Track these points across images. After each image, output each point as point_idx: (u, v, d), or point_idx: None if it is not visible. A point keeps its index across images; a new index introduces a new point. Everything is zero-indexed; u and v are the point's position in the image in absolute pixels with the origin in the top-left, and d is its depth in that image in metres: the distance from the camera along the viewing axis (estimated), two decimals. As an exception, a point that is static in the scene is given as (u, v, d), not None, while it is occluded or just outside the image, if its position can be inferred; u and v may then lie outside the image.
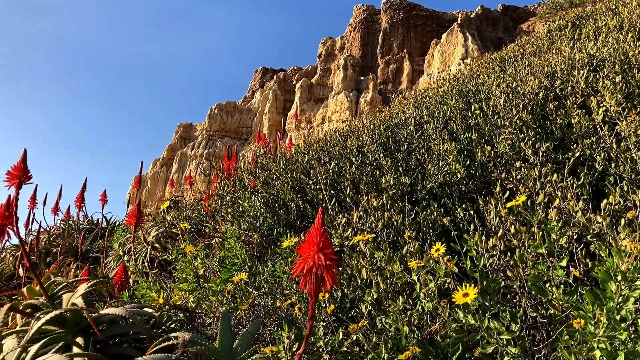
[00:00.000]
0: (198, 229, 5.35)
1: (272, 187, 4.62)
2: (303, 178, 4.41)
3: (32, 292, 2.72)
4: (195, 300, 2.57)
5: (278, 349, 1.75)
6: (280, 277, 2.60)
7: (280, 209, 4.28)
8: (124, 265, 3.19)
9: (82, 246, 6.57)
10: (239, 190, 5.10)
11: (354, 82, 58.98)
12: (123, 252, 5.98)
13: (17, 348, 1.98)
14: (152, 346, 1.97)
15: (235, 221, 4.42)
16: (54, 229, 8.43)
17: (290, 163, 4.93)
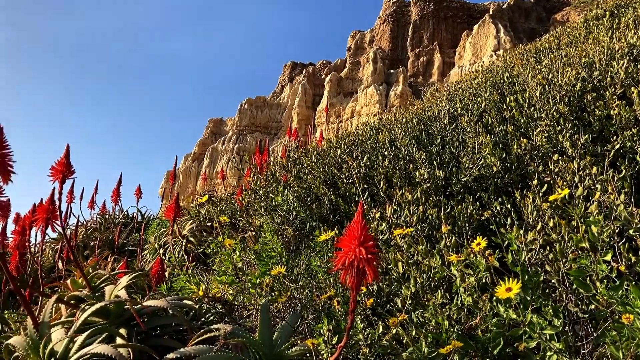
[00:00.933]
0: (232, 223, 5.41)
1: (304, 181, 4.63)
2: (335, 172, 4.41)
3: (75, 285, 2.80)
4: (234, 293, 2.60)
5: (318, 342, 1.77)
6: (316, 270, 2.62)
7: (312, 203, 4.29)
8: (160, 259, 3.25)
9: (118, 240, 6.71)
10: (271, 184, 5.14)
11: (384, 75, 58.60)
12: (159, 246, 6.09)
13: (65, 338, 2.04)
14: (193, 338, 2.00)
15: (268, 215, 4.45)
16: (90, 222, 8.62)
17: (322, 157, 4.93)
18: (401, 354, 1.71)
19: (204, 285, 2.72)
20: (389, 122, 5.83)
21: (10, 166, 1.95)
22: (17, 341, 2.11)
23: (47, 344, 2.05)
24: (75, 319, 2.24)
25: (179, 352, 1.97)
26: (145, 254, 6.22)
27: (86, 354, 2.00)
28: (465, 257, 1.87)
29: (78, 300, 2.58)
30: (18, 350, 2.08)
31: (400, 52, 64.73)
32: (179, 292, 3.16)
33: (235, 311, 2.65)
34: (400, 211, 3.19)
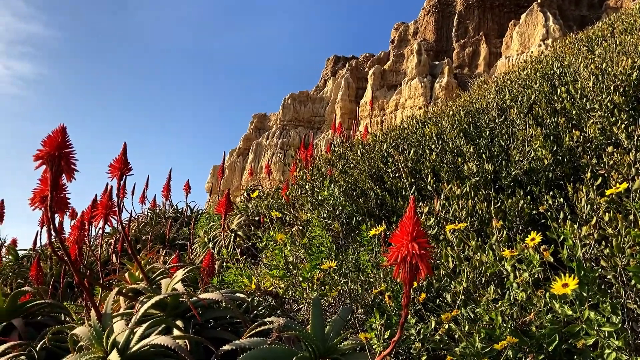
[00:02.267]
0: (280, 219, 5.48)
1: (350, 175, 4.64)
2: (381, 166, 4.41)
3: (133, 277, 2.91)
4: (285, 287, 2.65)
5: (370, 336, 1.79)
6: (365, 265, 2.63)
7: (358, 198, 4.30)
8: (211, 252, 3.33)
9: (169, 234, 6.89)
10: (317, 179, 5.17)
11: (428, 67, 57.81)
12: (208, 239, 6.22)
13: (126, 330, 2.13)
14: (248, 330, 2.06)
15: (315, 210, 4.49)
16: (142, 217, 8.86)
17: (368, 151, 4.92)
18: (454, 350, 1.71)
19: (256, 279, 2.78)
20: (435, 115, 5.78)
21: (74, 164, 2.05)
22: (82, 331, 2.21)
23: (110, 335, 2.15)
24: (135, 311, 2.33)
25: (234, 344, 2.03)
26: (195, 247, 6.36)
27: (146, 345, 2.08)
28: (519, 252, 1.85)
29: (136, 292, 2.69)
30: (82, 340, 2.19)
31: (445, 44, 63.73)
32: (231, 285, 3.23)
33: (286, 304, 2.70)
34: (449, 205, 3.17)
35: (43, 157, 1.98)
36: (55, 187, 2.02)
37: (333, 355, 1.95)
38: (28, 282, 5.65)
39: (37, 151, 1.99)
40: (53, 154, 1.97)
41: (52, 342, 2.58)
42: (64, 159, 2.00)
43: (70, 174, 2.05)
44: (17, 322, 2.84)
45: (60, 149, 1.98)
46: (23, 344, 2.58)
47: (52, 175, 1.99)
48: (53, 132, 2.00)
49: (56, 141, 1.98)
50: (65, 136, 2.02)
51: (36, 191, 2.15)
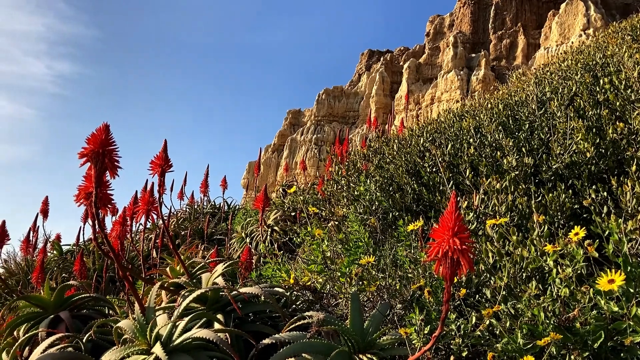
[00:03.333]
0: (316, 214, 5.50)
1: (386, 170, 4.62)
2: (418, 161, 4.37)
3: (174, 272, 2.97)
4: (323, 281, 2.66)
5: (410, 331, 1.78)
6: (402, 260, 2.62)
7: (395, 193, 4.27)
8: (248, 247, 3.37)
9: (207, 229, 6.99)
10: (352, 174, 5.16)
11: (465, 59, 56.93)
12: (245, 235, 6.28)
13: (169, 323, 2.18)
14: (287, 324, 2.08)
15: (351, 205, 4.48)
16: (180, 213, 9.01)
17: (404, 146, 4.89)
18: (495, 345, 1.69)
19: (294, 274, 2.80)
20: (473, 109, 5.70)
21: (117, 161, 2.10)
22: (126, 325, 2.27)
23: (153, 328, 2.20)
24: (177, 304, 2.38)
25: (274, 338, 2.05)
26: (233, 242, 6.44)
27: (188, 338, 2.12)
28: (562, 247, 1.81)
29: (177, 286, 2.74)
30: (127, 333, 2.24)
31: (481, 36, 62.66)
32: (268, 279, 3.26)
33: (324, 299, 2.71)
34: (488, 200, 3.12)
35: (87, 155, 2.04)
36: (99, 184, 2.07)
37: (372, 350, 1.95)
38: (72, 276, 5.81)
39: (81, 149, 2.05)
40: (97, 152, 2.02)
41: (97, 335, 2.66)
42: (108, 156, 2.05)
43: (113, 171, 2.10)
44: (64, 315, 2.93)
45: (103, 146, 2.03)
46: (70, 335, 2.66)
47: (96, 172, 2.04)
48: (97, 130, 2.06)
49: (100, 139, 2.03)
50: (108, 134, 2.07)
51: (81, 188, 2.21)
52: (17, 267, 7.13)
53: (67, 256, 7.62)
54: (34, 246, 7.36)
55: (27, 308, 3.17)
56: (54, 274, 6.08)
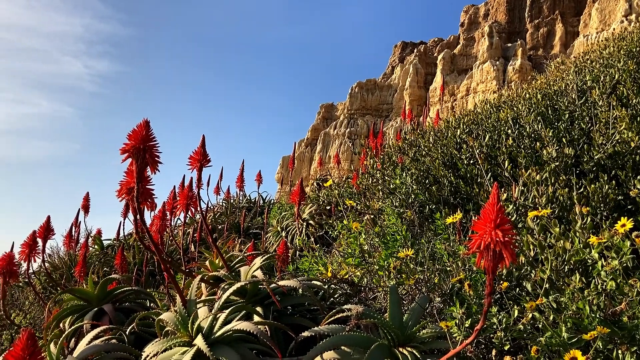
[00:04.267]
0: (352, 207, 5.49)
1: (422, 163, 4.58)
2: (455, 153, 4.32)
3: (213, 265, 3.02)
4: (360, 275, 2.66)
5: (451, 325, 1.76)
6: (441, 254, 2.59)
7: (431, 185, 4.23)
8: (285, 241, 3.39)
9: (243, 223, 7.07)
10: (388, 167, 5.13)
11: (500, 49, 55.85)
12: (281, 228, 6.33)
13: (210, 316, 2.21)
14: (326, 317, 2.08)
15: (386, 198, 4.46)
16: (217, 207, 9.13)
17: (440, 138, 4.84)
18: (538, 339, 1.66)
19: (331, 267, 2.80)
20: (510, 99, 5.59)
21: (157, 157, 2.14)
22: (168, 317, 2.32)
23: (195, 320, 2.23)
24: (217, 297, 2.42)
25: (313, 331, 2.06)
26: (269, 236, 6.49)
27: (229, 330, 2.15)
28: (607, 239, 1.76)
29: (217, 279, 2.78)
30: (169, 325, 2.29)
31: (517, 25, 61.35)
32: (305, 273, 3.28)
33: (362, 292, 2.71)
34: (527, 192, 3.07)
35: (129, 151, 2.08)
36: (140, 179, 2.11)
37: (412, 343, 1.94)
38: (113, 270, 5.95)
39: (123, 145, 2.09)
40: (138, 147, 2.06)
41: (139, 327, 2.72)
42: (149, 152, 2.09)
43: (154, 166, 2.14)
44: (107, 307, 3.01)
45: (144, 142, 2.07)
46: (113, 328, 2.73)
47: (138, 168, 2.09)
48: (137, 126, 2.10)
49: (141, 135, 2.07)
50: (149, 130, 2.11)
51: (123, 183, 2.26)
52: (61, 261, 7.35)
53: (108, 251, 7.82)
54: (76, 241, 7.57)
55: (72, 301, 3.27)
56: (95, 268, 6.24)
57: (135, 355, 2.44)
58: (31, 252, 3.24)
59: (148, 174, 2.20)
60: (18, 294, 6.12)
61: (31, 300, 5.59)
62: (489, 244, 1.35)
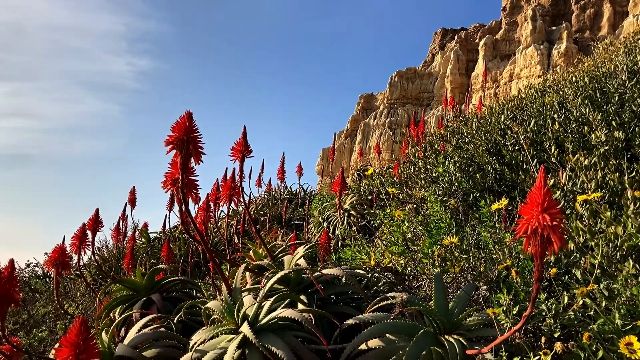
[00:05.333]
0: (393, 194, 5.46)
1: (465, 150, 4.51)
2: (499, 139, 4.23)
3: (257, 255, 3.05)
4: (404, 263, 2.64)
5: (498, 312, 1.73)
6: (486, 241, 2.55)
7: (475, 173, 4.16)
8: (326, 231, 3.40)
9: (285, 214, 7.12)
10: (430, 155, 5.07)
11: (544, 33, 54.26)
12: (322, 219, 6.34)
13: (255, 303, 2.24)
14: (370, 305, 2.08)
15: (429, 187, 4.41)
16: (259, 199, 9.22)
17: (483, 125, 4.75)
18: (590, 326, 1.61)
19: (375, 256, 2.79)
20: (556, 83, 5.45)
21: (201, 148, 2.17)
22: (215, 305, 2.36)
23: (240, 308, 2.27)
24: (261, 286, 2.45)
25: (357, 318, 2.06)
26: (311, 227, 6.51)
27: (274, 318, 2.17)
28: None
29: (261, 269, 2.82)
30: (215, 313, 2.33)
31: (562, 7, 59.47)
32: (348, 262, 3.28)
33: (406, 281, 2.69)
34: (575, 177, 2.98)
35: (173, 142, 2.12)
36: (185, 170, 2.15)
37: (458, 330, 1.92)
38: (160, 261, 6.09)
39: (167, 137, 2.13)
40: (182, 139, 2.10)
41: (186, 316, 2.78)
42: (192, 143, 2.13)
43: (198, 157, 2.17)
44: (155, 297, 3.09)
45: (188, 133, 2.11)
46: (161, 316, 2.80)
47: (182, 159, 2.12)
48: (181, 118, 2.13)
49: (184, 126, 2.10)
50: (192, 121, 2.14)
51: (167, 174, 2.31)
52: (110, 254, 7.57)
53: (155, 243, 8.00)
54: (124, 234, 7.79)
55: (121, 291, 3.37)
56: (142, 260, 6.40)
57: (183, 343, 2.50)
58: (81, 244, 3.35)
59: (192, 165, 2.24)
60: (70, 286, 6.35)
61: (82, 291, 5.79)
62: (536, 228, 1.32)
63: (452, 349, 1.76)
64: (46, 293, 6.46)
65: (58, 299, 3.25)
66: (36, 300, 6.36)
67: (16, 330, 5.18)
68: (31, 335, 4.75)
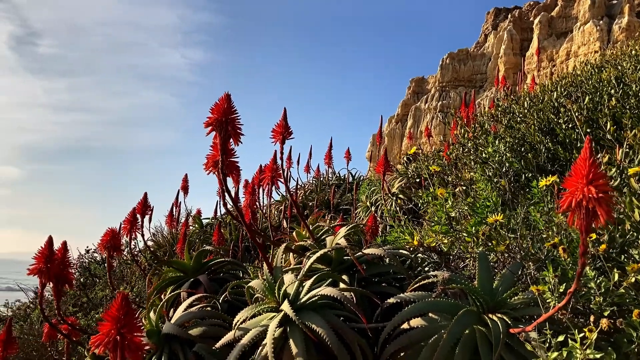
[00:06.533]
0: (441, 178, 5.36)
1: (517, 130, 4.37)
2: (552, 117, 4.08)
3: (300, 236, 3.06)
4: (448, 243, 2.58)
5: (543, 289, 1.67)
6: (536, 221, 2.46)
7: (527, 153, 4.04)
8: (374, 215, 3.37)
9: (333, 199, 7.12)
10: (480, 136, 4.95)
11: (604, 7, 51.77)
12: (370, 204, 6.31)
13: (296, 282, 2.25)
14: (412, 284, 2.05)
15: (478, 168, 4.31)
16: (307, 185, 9.27)
17: (535, 103, 4.60)
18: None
19: (418, 235, 2.74)
20: (614, 58, 5.20)
21: (239, 129, 2.18)
22: (257, 284, 2.39)
23: (281, 286, 2.28)
24: (303, 265, 2.45)
25: (399, 297, 2.03)
26: (358, 211, 6.49)
27: (315, 296, 2.17)
28: None
29: (303, 249, 2.82)
30: (257, 292, 2.36)
31: (623, -21, 56.55)
32: (393, 243, 3.24)
33: (451, 262, 2.63)
34: (633, 154, 2.84)
35: (212, 124, 2.14)
36: (224, 151, 2.17)
37: (502, 309, 1.86)
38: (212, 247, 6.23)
39: (206, 118, 2.15)
40: (220, 120, 2.11)
41: (232, 296, 2.83)
42: (231, 124, 2.14)
43: (236, 138, 2.18)
44: (202, 278, 3.16)
45: (226, 114, 2.12)
46: (208, 296, 2.86)
47: (221, 140, 2.14)
48: (219, 99, 2.15)
49: (222, 108, 2.12)
50: (230, 103, 2.15)
51: (209, 156, 2.33)
52: (164, 239, 7.80)
53: (207, 229, 8.18)
54: (177, 220, 7.99)
55: (170, 273, 3.46)
56: (195, 245, 6.54)
57: (228, 322, 2.54)
58: (132, 227, 3.45)
59: (232, 146, 2.25)
60: (126, 271, 6.57)
61: (137, 275, 5.99)
62: (580, 200, 1.25)
63: (496, 327, 1.71)
64: (104, 277, 6.71)
65: (111, 280, 3.37)
66: (95, 285, 6.63)
67: (76, 312, 5.41)
68: (89, 316, 4.95)
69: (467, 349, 1.79)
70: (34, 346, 4.65)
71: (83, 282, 6.94)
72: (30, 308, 7.07)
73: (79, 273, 7.38)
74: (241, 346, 2.11)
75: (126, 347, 1.56)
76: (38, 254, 2.43)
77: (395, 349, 1.94)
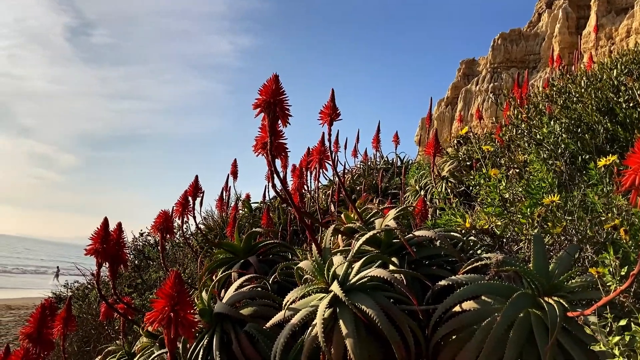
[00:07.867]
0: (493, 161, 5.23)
1: (573, 110, 4.21)
2: (611, 96, 3.91)
3: (349, 219, 3.05)
4: (502, 225, 2.51)
5: (603, 272, 1.60)
6: (594, 203, 2.36)
7: (584, 134, 3.89)
8: (423, 198, 3.32)
9: (381, 184, 7.07)
10: (534, 117, 4.79)
11: (670, -20, 49.02)
12: (419, 187, 6.23)
13: (345, 263, 2.24)
14: (464, 266, 2.00)
15: (533, 149, 4.18)
16: (355, 169, 9.23)
17: (593, 82, 4.41)
18: None
19: (470, 218, 2.68)
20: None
21: (287, 110, 2.18)
22: (306, 265, 2.40)
23: (330, 267, 2.28)
24: (352, 247, 2.44)
25: (451, 279, 1.99)
26: (407, 195, 6.42)
27: (364, 277, 2.16)
28: None
29: (352, 231, 2.81)
30: (306, 272, 2.37)
31: (690, -51, 53.30)
32: (444, 226, 3.19)
33: (505, 245, 2.56)
34: (701, 132, 2.68)
35: (261, 105, 2.14)
36: (273, 133, 2.17)
37: (559, 292, 1.80)
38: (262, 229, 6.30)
39: (255, 100, 2.15)
40: (269, 101, 2.11)
41: (281, 277, 2.85)
42: (279, 105, 2.14)
43: (285, 119, 2.18)
44: (252, 259, 3.20)
45: (274, 96, 2.12)
46: (258, 277, 2.90)
47: (270, 122, 2.14)
48: (267, 81, 2.15)
49: (270, 89, 2.12)
50: (278, 84, 2.15)
51: (258, 138, 2.34)
52: (215, 223, 7.95)
53: (256, 212, 8.28)
54: (227, 204, 8.12)
55: (221, 254, 3.52)
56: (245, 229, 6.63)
57: (278, 302, 2.56)
58: (184, 209, 3.52)
59: (280, 128, 2.25)
60: (178, 253, 6.74)
61: (189, 257, 6.13)
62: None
63: (552, 311, 1.66)
64: (157, 260, 6.91)
65: (164, 261, 3.45)
66: (149, 267, 6.84)
67: (131, 293, 5.60)
68: (143, 297, 5.11)
69: (522, 333, 1.74)
70: (92, 325, 4.85)
71: (137, 264, 7.17)
72: (88, 289, 7.37)
73: (133, 255, 7.63)
74: (291, 326, 2.12)
75: (180, 324, 1.59)
76: (94, 235, 2.51)
77: (446, 331, 1.91)
